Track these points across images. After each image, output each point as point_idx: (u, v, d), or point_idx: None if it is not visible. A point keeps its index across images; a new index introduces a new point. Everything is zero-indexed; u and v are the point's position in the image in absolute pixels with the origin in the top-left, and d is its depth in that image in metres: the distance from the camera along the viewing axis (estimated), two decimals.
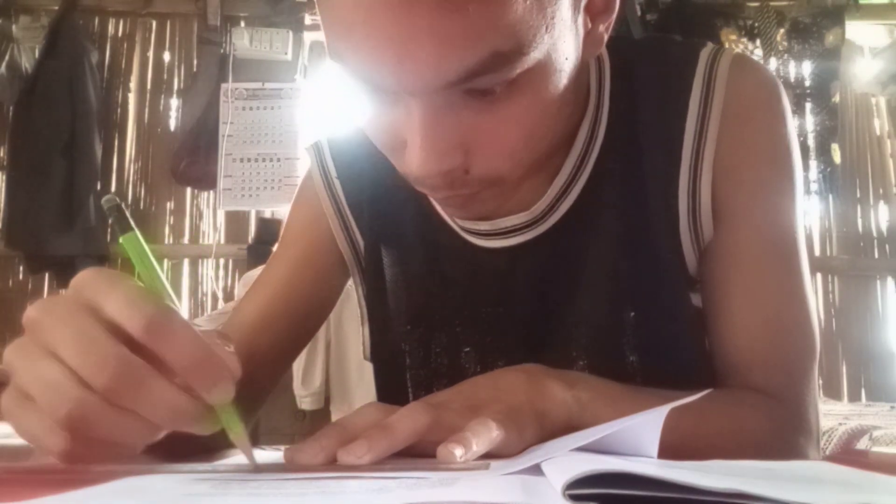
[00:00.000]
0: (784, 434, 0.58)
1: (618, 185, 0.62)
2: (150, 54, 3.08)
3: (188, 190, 3.01)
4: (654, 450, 0.40)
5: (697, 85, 0.60)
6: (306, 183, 0.75)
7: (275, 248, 0.75)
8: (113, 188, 3.01)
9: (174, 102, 3.06)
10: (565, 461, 0.34)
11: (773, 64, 2.95)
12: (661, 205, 0.61)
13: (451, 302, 0.67)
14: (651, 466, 0.30)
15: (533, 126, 0.49)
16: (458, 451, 0.39)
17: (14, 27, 2.93)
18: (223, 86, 2.91)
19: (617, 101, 0.62)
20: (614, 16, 0.53)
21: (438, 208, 0.67)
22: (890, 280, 3.04)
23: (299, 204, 0.75)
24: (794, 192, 0.61)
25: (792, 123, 0.62)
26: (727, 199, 0.60)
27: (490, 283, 0.65)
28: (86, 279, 0.39)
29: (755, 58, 2.88)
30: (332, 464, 0.41)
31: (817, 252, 3.04)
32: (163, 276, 0.41)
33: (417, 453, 0.43)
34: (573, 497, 0.27)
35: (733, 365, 0.61)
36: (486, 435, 0.42)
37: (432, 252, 0.67)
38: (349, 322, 2.37)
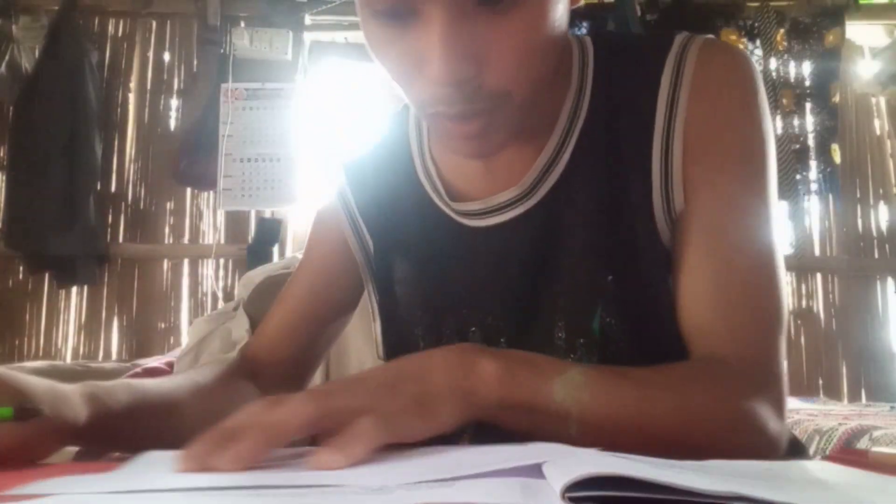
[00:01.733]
0: (736, 395, 0.55)
1: (599, 159, 0.65)
2: (150, 54, 3.08)
3: (188, 190, 3.00)
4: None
5: (670, 62, 0.63)
6: (327, 195, 0.81)
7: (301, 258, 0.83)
8: (113, 188, 3.01)
9: (174, 102, 3.05)
10: (565, 462, 0.34)
11: (773, 64, 2.95)
12: (637, 177, 0.63)
13: (454, 285, 0.70)
14: (651, 468, 0.30)
15: (536, 41, 0.54)
16: (336, 459, 0.39)
17: (14, 27, 2.93)
18: (223, 86, 2.91)
19: (599, 81, 0.66)
20: None
21: (436, 199, 0.70)
22: (890, 280, 3.04)
23: (320, 215, 0.82)
24: (764, 161, 0.62)
25: (763, 96, 0.63)
26: (693, 168, 0.62)
27: (486, 263, 0.68)
28: None
29: (755, 57, 2.89)
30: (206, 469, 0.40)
31: (817, 252, 3.04)
32: None
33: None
34: (572, 500, 0.27)
35: (691, 331, 0.60)
36: (367, 436, 0.41)
37: (433, 241, 0.71)
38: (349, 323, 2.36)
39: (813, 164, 2.93)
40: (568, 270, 0.65)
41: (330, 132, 3.06)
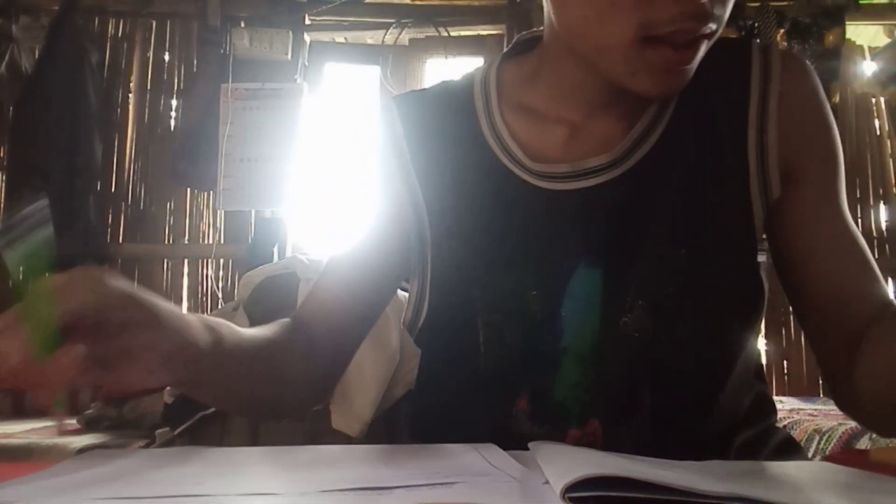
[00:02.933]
0: None
1: (692, 138, 0.68)
2: (150, 54, 3.08)
3: (188, 190, 3.00)
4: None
5: (757, 62, 0.69)
6: (379, 145, 0.78)
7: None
8: (113, 188, 3.01)
9: (174, 102, 3.05)
10: (565, 463, 0.34)
11: None
12: (733, 159, 0.67)
13: (519, 247, 0.69)
14: (650, 468, 0.30)
15: None
16: None
17: (14, 27, 2.93)
18: (223, 86, 2.91)
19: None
20: None
21: (505, 159, 0.71)
22: (890, 280, 3.04)
23: (376, 171, 0.79)
24: (841, 156, 0.71)
25: None
26: (794, 160, 0.68)
27: (560, 225, 0.68)
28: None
29: None
30: None
31: None
32: None
33: None
34: (572, 500, 0.27)
35: (851, 298, 0.66)
36: None
37: (498, 201, 0.71)
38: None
39: None
40: (650, 240, 0.66)
41: (330, 132, 3.06)
